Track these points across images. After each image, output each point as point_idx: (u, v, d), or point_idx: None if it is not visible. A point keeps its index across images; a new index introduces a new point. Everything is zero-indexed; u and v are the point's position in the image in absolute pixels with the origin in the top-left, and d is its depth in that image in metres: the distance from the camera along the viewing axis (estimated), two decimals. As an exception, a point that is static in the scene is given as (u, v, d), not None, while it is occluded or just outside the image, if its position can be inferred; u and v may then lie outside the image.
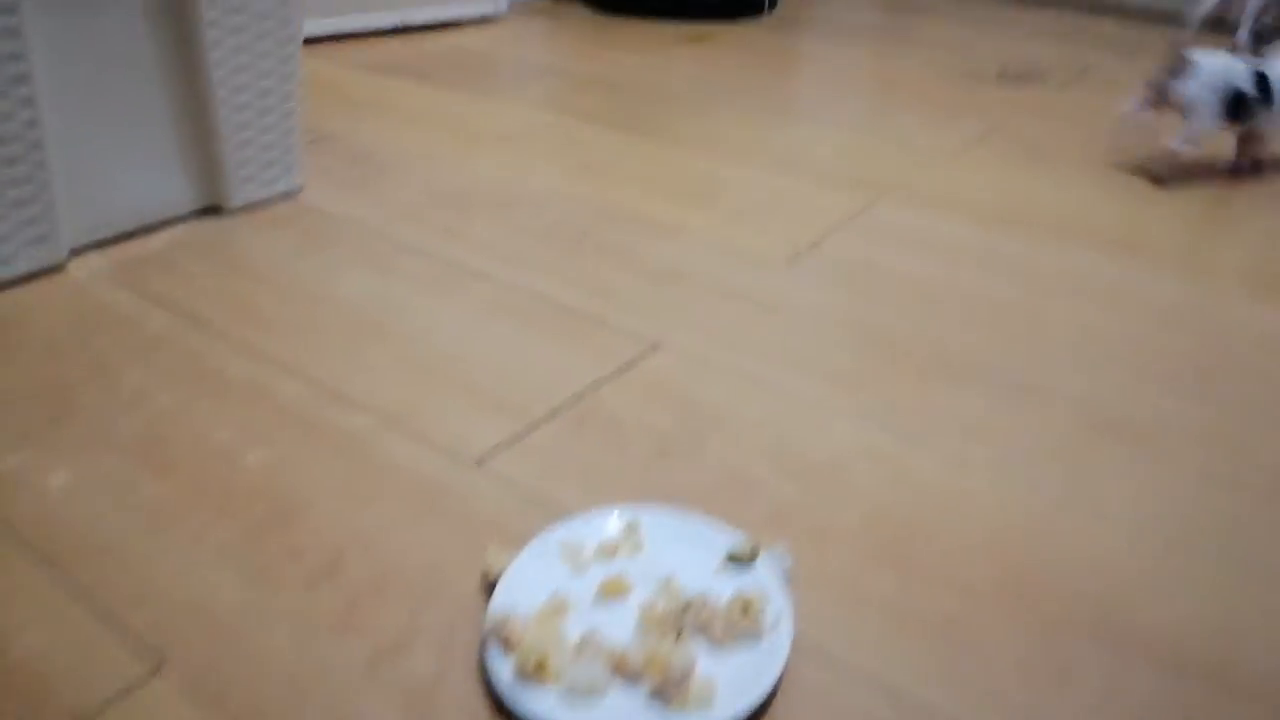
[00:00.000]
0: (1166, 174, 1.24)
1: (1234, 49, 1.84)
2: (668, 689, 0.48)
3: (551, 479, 0.65)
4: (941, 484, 0.67)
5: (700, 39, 1.86)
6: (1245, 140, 1.25)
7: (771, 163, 1.24)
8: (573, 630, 0.51)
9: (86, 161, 0.92)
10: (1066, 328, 0.87)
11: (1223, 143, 1.26)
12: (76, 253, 0.93)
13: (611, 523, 0.59)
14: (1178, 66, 1.18)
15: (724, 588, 0.54)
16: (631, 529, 0.58)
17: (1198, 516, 0.65)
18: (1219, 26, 2.00)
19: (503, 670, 0.49)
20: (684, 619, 0.52)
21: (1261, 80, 1.17)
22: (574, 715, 0.47)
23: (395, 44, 1.73)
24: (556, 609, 0.52)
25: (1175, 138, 1.19)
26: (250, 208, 1.05)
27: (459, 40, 1.78)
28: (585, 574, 0.55)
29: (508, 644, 0.49)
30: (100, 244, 0.95)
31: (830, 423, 0.73)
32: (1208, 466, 0.70)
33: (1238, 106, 1.17)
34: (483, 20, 1.91)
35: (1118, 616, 0.56)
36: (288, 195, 1.08)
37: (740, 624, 0.52)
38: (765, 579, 0.55)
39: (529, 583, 0.54)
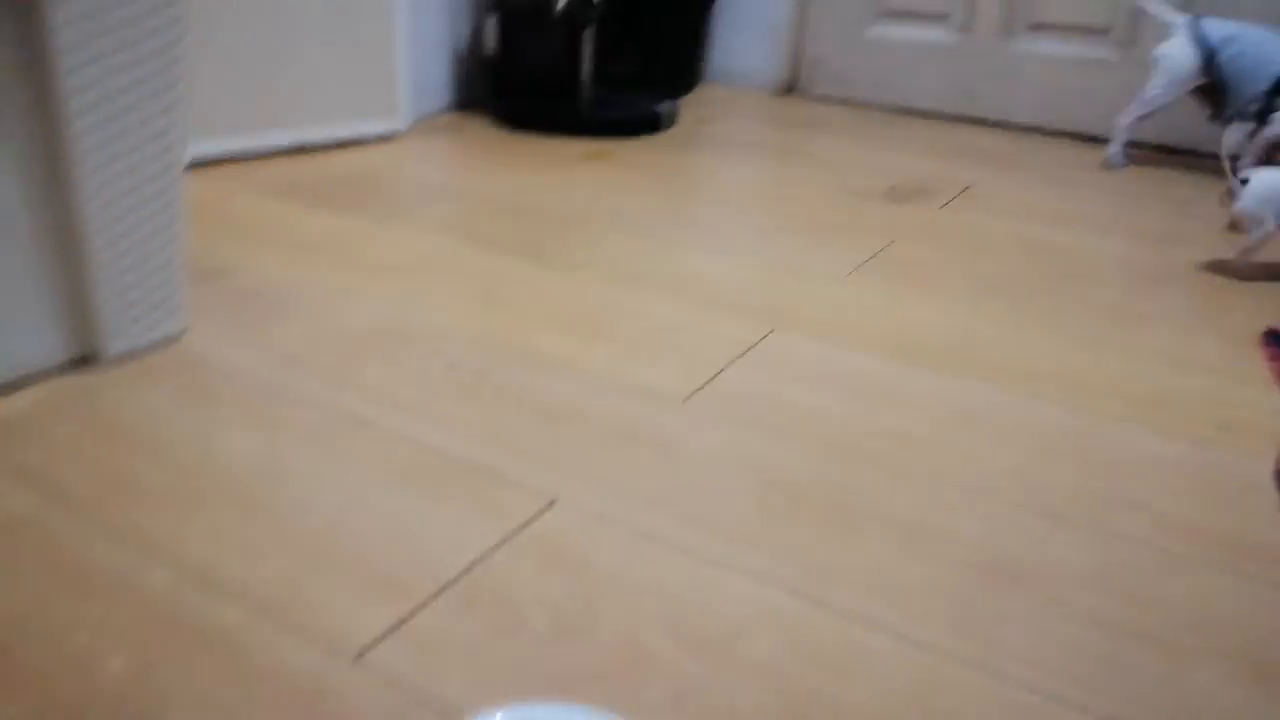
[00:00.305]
0: (1246, 272, 1.42)
1: (1108, 165, 1.96)
2: None
3: (438, 671, 0.62)
4: (842, 647, 0.66)
5: (599, 156, 1.89)
6: None
7: (669, 290, 1.25)
8: None
9: (-55, 318, 0.87)
10: (958, 463, 0.89)
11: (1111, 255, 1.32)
12: (-70, 417, 0.87)
13: (499, 727, 0.56)
14: (1236, 189, 1.41)
15: (619, 795, 0.52)
16: (521, 732, 0.56)
17: (1090, 668, 0.65)
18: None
19: None
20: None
21: None
22: None
23: (291, 165, 1.71)
24: (439, 837, 0.49)
25: (1241, 247, 1.42)
26: (127, 357, 1.00)
27: (359, 160, 1.78)
28: (471, 790, 0.52)
29: None
30: (-42, 406, 0.89)
31: (729, 584, 0.72)
32: (1098, 611, 0.71)
33: None
34: (384, 138, 1.91)
35: (1018, 798, 0.55)
36: (169, 340, 1.04)
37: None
38: (662, 781, 0.53)
39: (409, 806, 0.50)
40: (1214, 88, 1.82)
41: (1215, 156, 2.06)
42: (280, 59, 1.73)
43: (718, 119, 2.27)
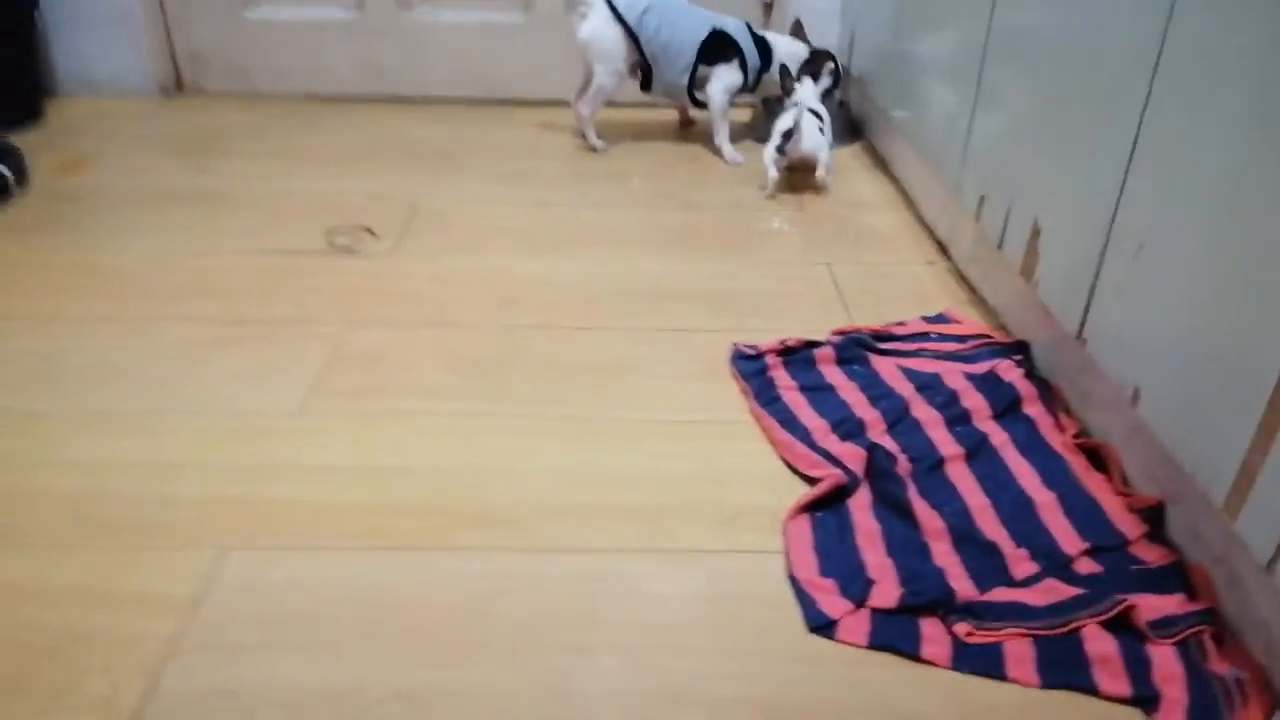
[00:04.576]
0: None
1: (596, 150, 1.86)
2: None
3: None
4: None
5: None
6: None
7: (49, 526, 0.90)
8: None
9: None
10: (490, 700, 0.73)
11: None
12: None
13: None
14: (793, 131, 1.59)
15: None
16: None
17: None
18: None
19: None
20: None
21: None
22: None
23: None
24: None
25: (822, 172, 1.66)
26: None
27: None
28: None
29: None
30: None
31: None
32: None
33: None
34: None
35: None
36: None
37: None
38: None
39: None
40: (642, 61, 1.78)
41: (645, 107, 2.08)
42: None
43: (91, 156, 1.78)
